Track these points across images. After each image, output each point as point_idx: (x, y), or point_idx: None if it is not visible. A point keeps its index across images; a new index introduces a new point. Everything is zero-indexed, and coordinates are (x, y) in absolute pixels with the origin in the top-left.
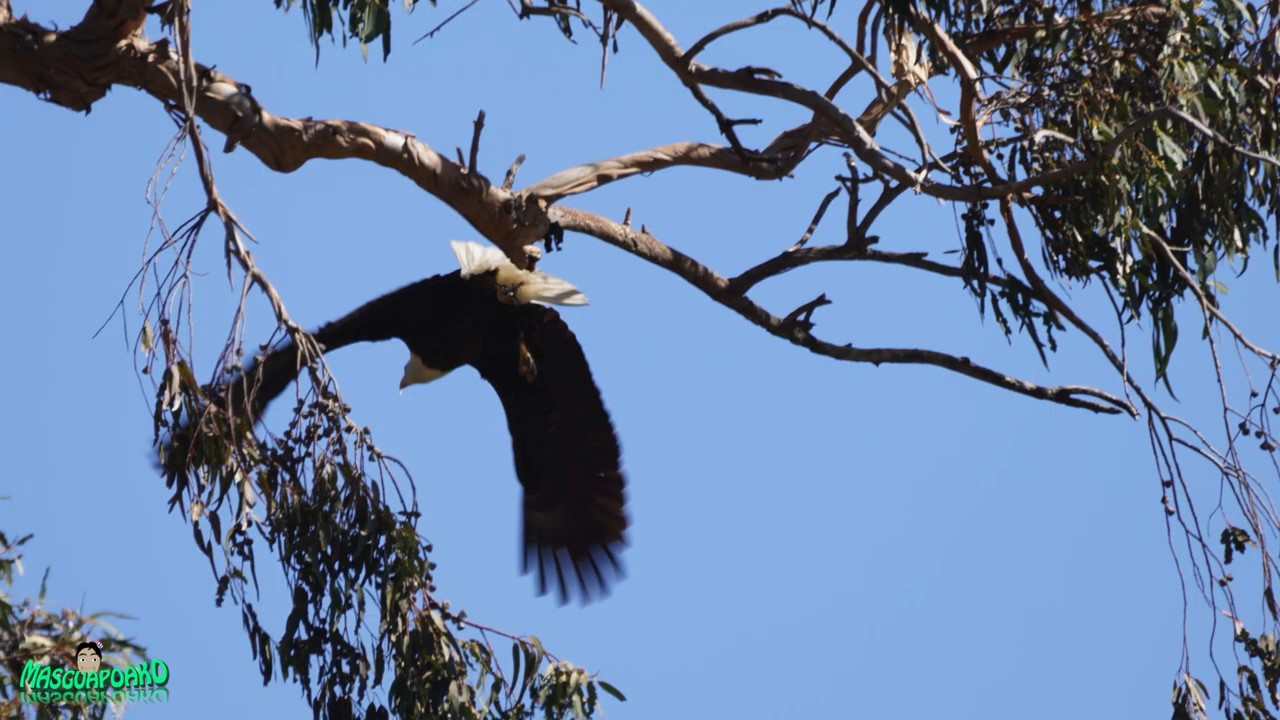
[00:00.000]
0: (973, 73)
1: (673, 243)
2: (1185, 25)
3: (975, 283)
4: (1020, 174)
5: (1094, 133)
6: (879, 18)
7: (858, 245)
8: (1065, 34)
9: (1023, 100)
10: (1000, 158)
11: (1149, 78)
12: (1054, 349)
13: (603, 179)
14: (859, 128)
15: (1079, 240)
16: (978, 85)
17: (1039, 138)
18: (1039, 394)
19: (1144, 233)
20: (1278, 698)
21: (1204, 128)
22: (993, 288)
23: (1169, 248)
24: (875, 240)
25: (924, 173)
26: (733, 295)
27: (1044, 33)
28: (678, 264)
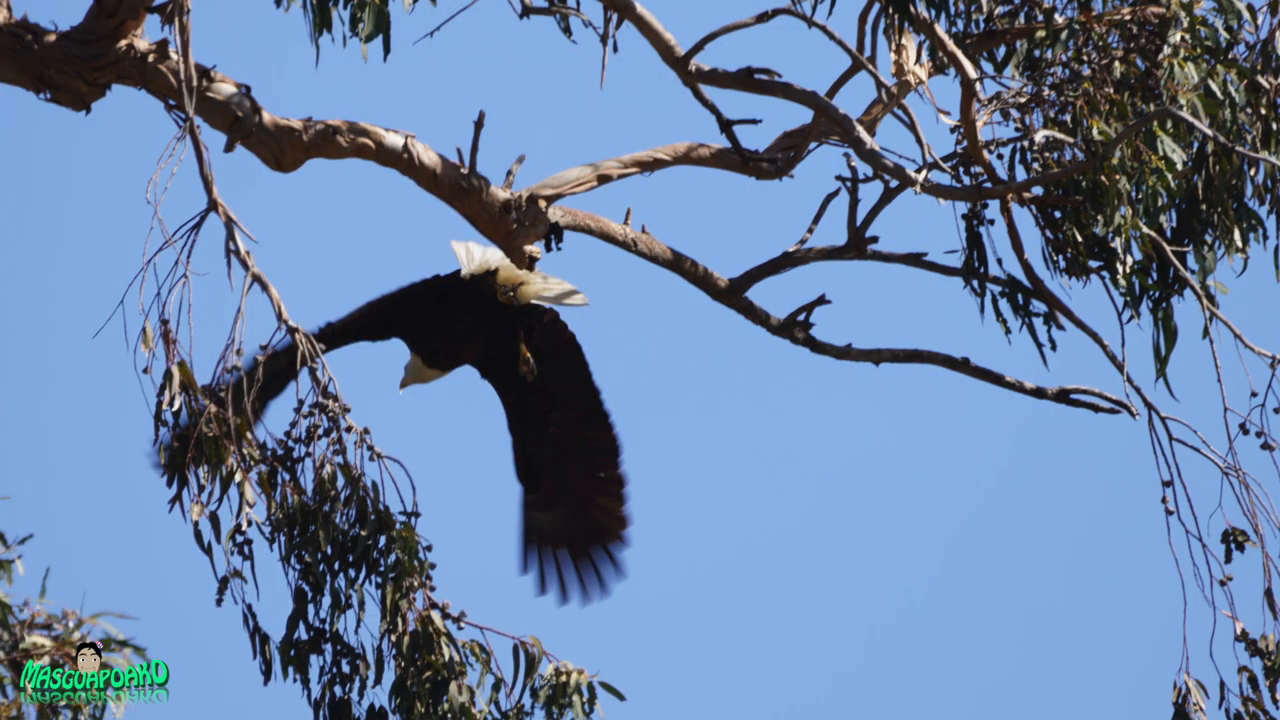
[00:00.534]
0: (973, 73)
1: (673, 243)
2: (1185, 25)
3: (975, 283)
4: (1020, 174)
5: (1094, 133)
6: (879, 18)
7: (858, 245)
8: (1065, 34)
9: (1023, 100)
10: (1000, 158)
11: (1149, 78)
12: (1054, 349)
13: (603, 179)
14: (859, 128)
15: (1079, 240)
16: (978, 85)
17: (1039, 138)
18: (1039, 394)
19: (1144, 233)
20: (1278, 698)
21: (1204, 128)
22: (993, 288)
23: (1169, 248)
24: (875, 240)
25: (924, 173)
26: (733, 295)
27: (1044, 33)
28: (678, 264)
